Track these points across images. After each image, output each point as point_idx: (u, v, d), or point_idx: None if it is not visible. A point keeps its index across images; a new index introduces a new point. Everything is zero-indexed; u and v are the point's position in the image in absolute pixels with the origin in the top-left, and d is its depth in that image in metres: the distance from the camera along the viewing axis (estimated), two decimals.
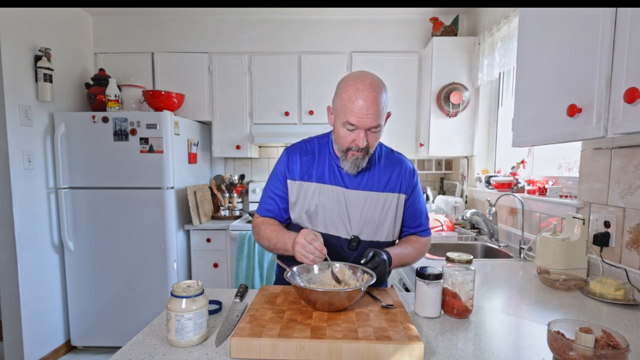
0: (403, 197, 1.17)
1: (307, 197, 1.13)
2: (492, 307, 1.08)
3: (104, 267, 2.45)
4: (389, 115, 1.08)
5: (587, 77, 0.96)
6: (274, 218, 1.19)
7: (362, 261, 1.02)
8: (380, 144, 1.21)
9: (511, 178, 2.08)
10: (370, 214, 1.12)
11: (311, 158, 1.15)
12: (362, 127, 1.00)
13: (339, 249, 1.13)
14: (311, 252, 0.96)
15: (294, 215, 1.17)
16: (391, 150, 1.24)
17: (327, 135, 1.20)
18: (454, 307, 0.97)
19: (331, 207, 1.11)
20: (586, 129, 0.96)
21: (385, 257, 1.03)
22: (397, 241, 1.24)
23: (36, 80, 2.28)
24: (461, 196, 2.75)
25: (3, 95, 2.07)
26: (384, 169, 1.16)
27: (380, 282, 1.04)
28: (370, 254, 1.02)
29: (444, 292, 0.98)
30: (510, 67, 2.10)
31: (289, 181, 1.15)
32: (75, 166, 2.39)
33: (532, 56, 1.25)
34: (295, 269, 1.01)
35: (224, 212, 2.91)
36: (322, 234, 1.06)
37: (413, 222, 1.21)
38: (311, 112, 2.81)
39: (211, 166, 3.20)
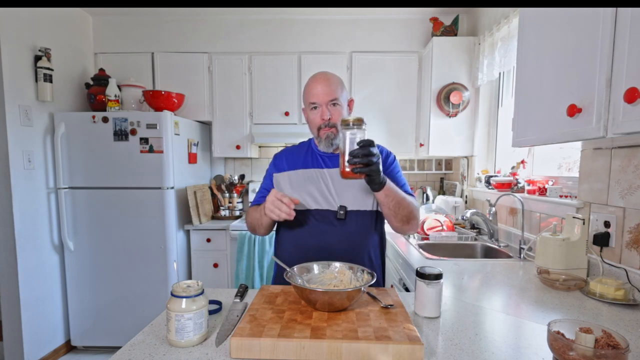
0: None
1: (295, 181, 1.30)
2: (492, 307, 1.08)
3: (104, 267, 2.45)
4: (352, 102, 1.33)
5: (587, 77, 0.96)
6: None
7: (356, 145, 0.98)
8: None
9: (511, 178, 2.08)
10: (352, 186, 1.28)
11: (296, 154, 1.36)
12: (322, 103, 1.23)
13: (330, 219, 1.25)
14: (277, 207, 1.07)
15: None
16: None
17: (309, 139, 1.42)
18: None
19: (317, 186, 1.28)
20: (586, 129, 0.96)
21: (377, 150, 1.00)
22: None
23: (36, 80, 2.28)
24: (461, 196, 2.75)
25: (3, 95, 2.07)
26: None
27: (375, 182, 1.04)
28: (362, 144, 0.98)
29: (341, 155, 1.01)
30: (510, 67, 2.10)
31: (275, 175, 1.34)
32: (75, 166, 2.39)
33: (532, 56, 1.25)
34: (295, 268, 1.01)
35: (224, 212, 2.91)
36: (314, 209, 1.25)
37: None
38: None
39: (211, 166, 3.20)
